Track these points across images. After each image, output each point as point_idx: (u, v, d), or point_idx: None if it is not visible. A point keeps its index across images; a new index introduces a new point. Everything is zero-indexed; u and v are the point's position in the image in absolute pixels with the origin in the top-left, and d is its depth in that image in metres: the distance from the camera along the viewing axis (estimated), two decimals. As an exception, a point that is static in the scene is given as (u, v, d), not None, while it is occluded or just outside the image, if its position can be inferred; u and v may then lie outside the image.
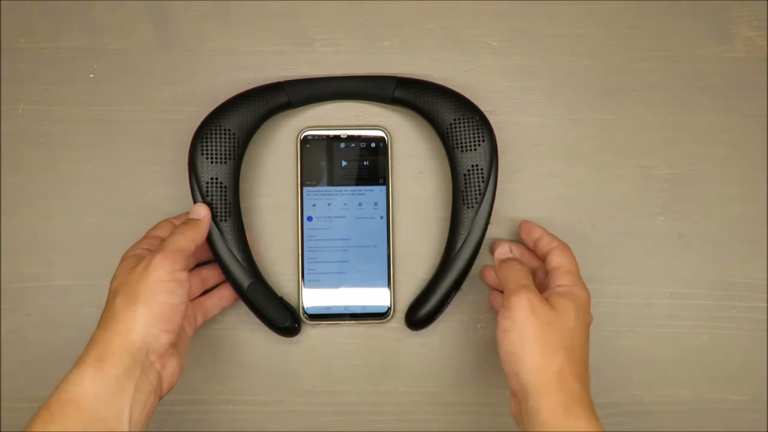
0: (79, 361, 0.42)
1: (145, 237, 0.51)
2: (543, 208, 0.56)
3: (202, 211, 0.50)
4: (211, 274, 0.53)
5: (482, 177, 0.52)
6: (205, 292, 0.53)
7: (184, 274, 0.45)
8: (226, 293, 0.53)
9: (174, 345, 0.46)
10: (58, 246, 0.55)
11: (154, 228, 0.52)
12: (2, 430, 0.54)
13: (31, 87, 0.56)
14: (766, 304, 0.56)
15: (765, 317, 0.56)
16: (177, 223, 0.51)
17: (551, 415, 0.42)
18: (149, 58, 0.56)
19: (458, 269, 0.52)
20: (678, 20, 0.57)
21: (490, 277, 0.54)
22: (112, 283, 0.46)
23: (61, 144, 0.56)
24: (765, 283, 0.56)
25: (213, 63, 0.56)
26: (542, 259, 0.51)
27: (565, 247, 0.50)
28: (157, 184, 0.55)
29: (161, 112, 0.56)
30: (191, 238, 0.47)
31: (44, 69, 0.56)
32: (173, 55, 0.56)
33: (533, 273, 0.52)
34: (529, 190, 0.56)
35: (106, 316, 0.44)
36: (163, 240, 0.49)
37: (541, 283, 0.51)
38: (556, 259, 0.49)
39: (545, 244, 0.51)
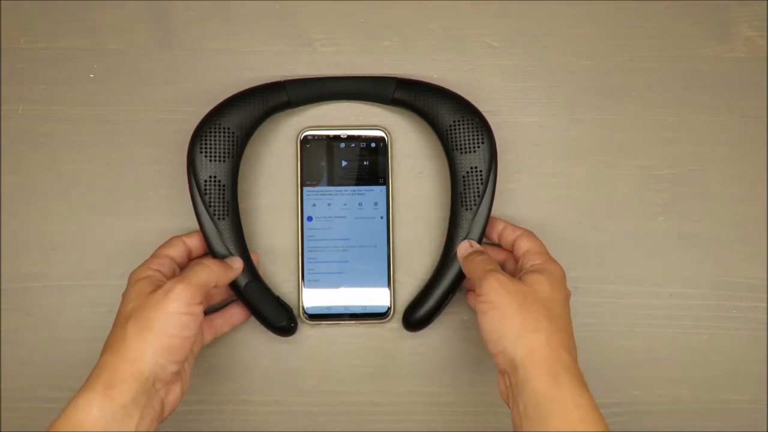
0: (87, 386, 0.42)
1: (155, 256, 0.50)
2: (543, 208, 0.56)
3: (237, 265, 0.50)
4: (218, 291, 0.53)
5: (481, 179, 0.52)
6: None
7: (200, 308, 0.45)
8: (237, 311, 0.53)
9: (178, 372, 0.45)
10: (58, 246, 0.55)
11: (164, 246, 0.51)
12: (2, 430, 0.54)
13: (31, 87, 0.56)
14: (766, 304, 0.56)
15: (765, 317, 0.56)
16: (187, 241, 0.51)
17: (540, 384, 0.42)
18: (149, 58, 0.56)
19: (455, 272, 0.52)
20: (678, 20, 0.57)
21: (471, 298, 0.54)
22: (124, 304, 0.46)
23: (61, 144, 0.56)
24: (765, 283, 0.56)
25: (213, 63, 0.56)
26: (509, 249, 0.52)
27: (530, 233, 0.51)
28: (157, 184, 0.55)
29: (161, 112, 0.56)
30: (216, 276, 0.47)
31: (44, 69, 0.56)
32: (173, 55, 0.56)
33: (502, 264, 0.52)
34: (529, 190, 0.56)
35: (116, 339, 0.44)
36: (173, 259, 0.49)
37: (512, 272, 0.51)
38: (525, 245, 0.50)
39: (510, 234, 0.52)
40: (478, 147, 0.52)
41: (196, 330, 0.45)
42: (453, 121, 0.53)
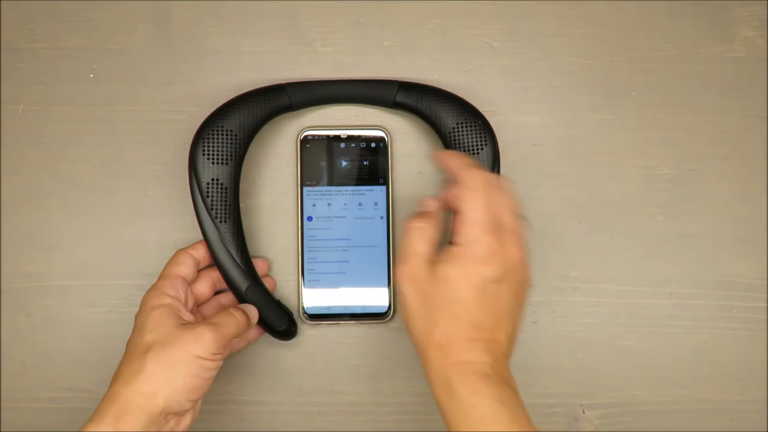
0: (96, 418, 0.42)
1: (166, 277, 0.49)
2: (543, 208, 0.56)
3: (255, 314, 0.50)
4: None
5: None
6: None
7: (222, 355, 0.46)
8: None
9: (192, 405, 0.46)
10: (58, 246, 0.55)
11: (173, 265, 0.50)
12: (2, 430, 0.54)
13: (31, 87, 0.56)
14: (766, 304, 0.56)
15: (765, 317, 0.56)
16: (194, 254, 0.50)
17: (435, 392, 0.42)
18: (149, 58, 0.56)
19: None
20: (678, 20, 0.57)
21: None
22: (141, 333, 0.45)
23: (61, 144, 0.56)
24: (765, 283, 0.56)
25: (213, 63, 0.56)
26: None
27: (467, 190, 0.44)
28: (157, 184, 0.55)
29: (161, 112, 0.56)
30: (242, 329, 0.48)
31: (44, 69, 0.56)
32: (173, 55, 0.56)
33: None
34: (529, 190, 0.56)
35: (132, 371, 0.43)
36: (185, 279, 0.49)
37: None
38: (459, 208, 0.44)
39: (451, 190, 0.46)
40: (481, 149, 0.52)
41: (216, 371, 0.45)
42: (456, 123, 0.53)
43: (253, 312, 0.50)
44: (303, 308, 0.54)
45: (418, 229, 0.45)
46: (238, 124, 0.52)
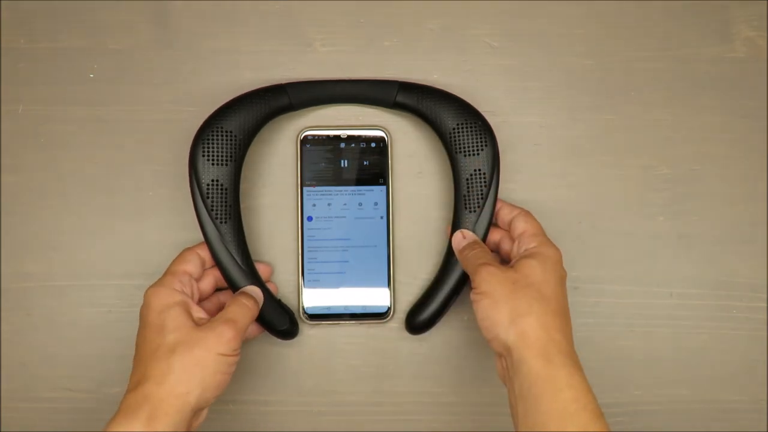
0: (127, 414, 0.42)
1: (173, 273, 0.49)
2: (543, 208, 0.56)
3: (260, 294, 0.50)
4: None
5: (484, 181, 0.52)
6: None
7: (240, 348, 0.47)
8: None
9: None
10: (58, 246, 0.55)
11: (180, 262, 0.50)
12: (2, 430, 0.54)
13: (31, 87, 0.56)
14: (766, 304, 0.56)
15: (765, 317, 0.56)
16: (201, 253, 0.50)
17: (533, 365, 0.43)
18: (149, 58, 0.56)
19: (459, 274, 0.52)
20: (678, 20, 0.57)
21: None
22: (161, 333, 0.45)
23: (61, 144, 0.56)
24: (765, 283, 0.56)
25: (213, 63, 0.56)
26: (506, 229, 0.52)
27: (527, 213, 0.52)
28: (157, 184, 0.55)
29: (161, 112, 0.56)
30: (254, 315, 0.49)
31: (44, 69, 0.56)
32: (173, 55, 0.56)
33: (497, 244, 0.53)
34: (529, 190, 0.56)
35: (161, 371, 0.43)
36: (191, 275, 0.49)
37: (508, 252, 0.52)
38: (521, 226, 0.51)
39: (506, 214, 0.52)
40: (482, 150, 0.52)
41: (236, 364, 0.46)
42: (456, 124, 0.53)
43: (256, 292, 0.50)
44: (303, 308, 0.54)
45: (476, 248, 0.50)
46: (237, 124, 0.52)
